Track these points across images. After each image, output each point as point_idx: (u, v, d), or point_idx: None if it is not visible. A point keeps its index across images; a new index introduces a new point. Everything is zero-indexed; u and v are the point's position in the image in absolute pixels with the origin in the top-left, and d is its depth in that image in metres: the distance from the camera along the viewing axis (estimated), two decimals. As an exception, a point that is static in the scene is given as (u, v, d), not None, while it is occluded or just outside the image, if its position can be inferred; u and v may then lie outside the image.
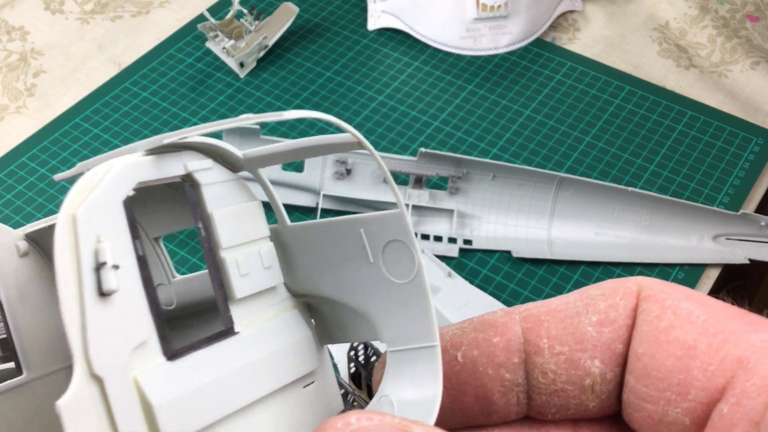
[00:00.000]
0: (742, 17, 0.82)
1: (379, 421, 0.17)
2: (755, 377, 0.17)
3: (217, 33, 0.76)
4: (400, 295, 0.21)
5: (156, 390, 0.17)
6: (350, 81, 0.77)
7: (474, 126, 0.73)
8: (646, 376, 0.19)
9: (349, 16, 0.83)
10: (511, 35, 0.79)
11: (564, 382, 0.20)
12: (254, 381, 0.19)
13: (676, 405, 0.18)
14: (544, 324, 0.20)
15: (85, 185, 0.17)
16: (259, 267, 0.21)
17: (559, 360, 0.20)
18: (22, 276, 0.23)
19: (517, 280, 0.62)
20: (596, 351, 0.19)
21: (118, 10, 0.84)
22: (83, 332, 0.16)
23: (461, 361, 0.21)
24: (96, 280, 0.17)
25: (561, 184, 0.63)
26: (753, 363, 0.17)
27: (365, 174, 0.65)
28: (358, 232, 0.21)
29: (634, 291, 0.20)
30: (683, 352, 0.18)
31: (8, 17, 0.83)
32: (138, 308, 0.18)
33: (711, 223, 0.63)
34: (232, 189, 0.21)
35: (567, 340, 0.20)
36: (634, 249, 0.63)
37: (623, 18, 0.83)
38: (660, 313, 0.19)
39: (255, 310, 0.21)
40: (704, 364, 0.18)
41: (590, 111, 0.74)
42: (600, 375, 0.19)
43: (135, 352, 0.17)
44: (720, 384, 0.17)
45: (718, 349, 0.18)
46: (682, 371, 0.18)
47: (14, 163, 0.71)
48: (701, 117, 0.73)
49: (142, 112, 0.74)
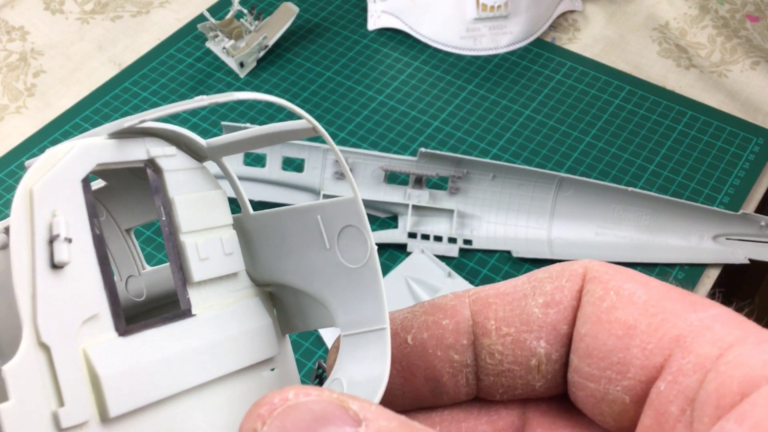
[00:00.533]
0: (742, 17, 0.82)
1: (316, 396, 0.17)
2: (691, 355, 0.17)
3: (217, 33, 0.76)
4: (355, 280, 0.21)
5: (104, 362, 0.17)
6: (350, 81, 0.77)
7: (474, 126, 0.73)
8: (589, 356, 0.19)
9: (349, 16, 0.83)
10: (511, 35, 0.79)
11: (511, 362, 0.20)
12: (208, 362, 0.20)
13: (617, 383, 0.18)
14: (492, 306, 0.21)
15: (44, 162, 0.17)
16: (220, 253, 0.21)
17: (506, 341, 0.20)
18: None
19: (517, 280, 0.62)
20: (542, 332, 0.20)
21: (118, 10, 0.84)
22: (33, 301, 0.17)
23: (411, 344, 0.21)
24: (49, 252, 0.17)
25: (561, 184, 0.63)
26: (690, 341, 0.17)
27: (365, 174, 0.65)
28: (315, 218, 0.21)
29: (579, 273, 0.20)
30: (623, 332, 0.18)
31: (8, 17, 0.83)
32: (91, 283, 0.18)
33: (711, 223, 0.63)
34: (195, 176, 0.21)
35: (514, 322, 0.20)
36: (634, 249, 0.63)
37: (623, 18, 0.83)
38: (603, 294, 0.19)
39: (215, 295, 0.21)
40: (643, 342, 0.18)
41: (590, 111, 0.74)
42: (545, 355, 0.20)
43: (85, 324, 0.18)
44: (658, 362, 0.18)
45: (657, 328, 0.18)
46: (622, 350, 0.18)
47: (14, 163, 0.71)
48: (701, 117, 0.73)
49: (141, 113, 0.74)
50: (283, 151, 0.64)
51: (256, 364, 0.21)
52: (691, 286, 0.62)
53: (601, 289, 0.19)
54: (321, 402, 0.17)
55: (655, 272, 0.63)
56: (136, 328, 0.19)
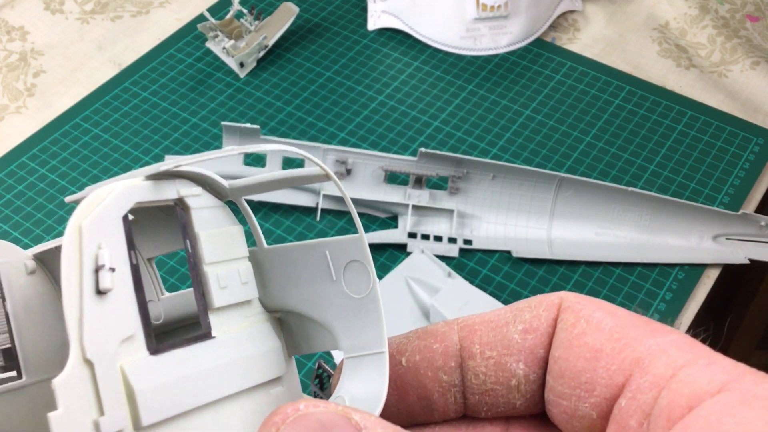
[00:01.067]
0: (742, 17, 0.82)
1: (324, 407, 0.19)
2: (648, 375, 0.19)
3: (217, 33, 0.76)
4: (357, 308, 0.24)
5: (138, 377, 0.20)
6: (350, 81, 0.77)
7: (474, 126, 0.73)
8: (561, 376, 0.21)
9: (349, 16, 0.83)
10: (511, 35, 0.79)
11: (493, 382, 0.23)
12: (225, 379, 0.22)
13: (585, 401, 0.21)
14: (478, 332, 0.23)
15: (91, 201, 0.20)
16: (237, 282, 0.24)
17: (488, 363, 0.23)
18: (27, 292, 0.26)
19: (517, 280, 0.62)
20: (521, 355, 0.22)
21: (118, 10, 0.84)
22: (80, 322, 0.19)
23: (405, 365, 0.24)
24: (95, 280, 0.20)
25: (561, 184, 0.63)
26: (647, 363, 0.20)
27: (365, 174, 0.65)
28: (323, 253, 0.24)
29: (556, 303, 0.23)
30: (591, 355, 0.21)
31: (8, 17, 0.83)
32: (128, 307, 0.20)
33: (711, 223, 0.63)
34: (217, 214, 0.24)
35: (496, 346, 0.23)
36: (634, 249, 0.63)
37: (623, 18, 0.83)
38: (575, 322, 0.21)
39: (231, 319, 0.23)
40: (607, 364, 0.20)
41: (590, 111, 0.74)
42: (524, 376, 0.22)
43: (123, 344, 0.20)
44: (620, 381, 0.20)
45: (620, 352, 0.20)
46: (590, 371, 0.21)
47: (14, 163, 0.71)
48: (701, 117, 0.73)
49: (142, 112, 0.74)
50: (283, 151, 0.64)
51: (266, 382, 0.24)
52: (691, 286, 0.62)
53: (573, 317, 0.22)
54: (328, 413, 0.19)
55: (655, 272, 0.63)
56: (164, 348, 0.21)
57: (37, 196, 0.68)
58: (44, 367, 0.26)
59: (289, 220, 0.67)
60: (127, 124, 0.74)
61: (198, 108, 0.75)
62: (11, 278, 0.26)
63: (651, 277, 0.62)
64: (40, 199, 0.68)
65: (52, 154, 0.71)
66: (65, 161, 0.71)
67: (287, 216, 0.67)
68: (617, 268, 0.63)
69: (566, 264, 0.63)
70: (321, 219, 0.66)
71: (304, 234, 0.65)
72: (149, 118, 0.74)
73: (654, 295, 0.61)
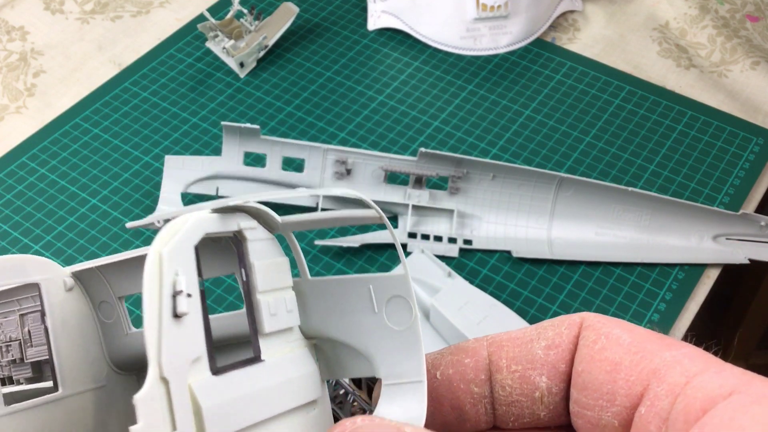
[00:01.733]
0: (742, 17, 0.82)
1: (379, 421, 0.22)
2: (664, 384, 0.21)
3: (217, 33, 0.76)
4: (397, 340, 0.26)
5: (204, 396, 0.22)
6: (350, 81, 0.77)
7: (474, 126, 0.73)
8: (585, 388, 0.23)
9: (349, 16, 0.83)
10: (511, 35, 0.79)
11: (518, 394, 0.24)
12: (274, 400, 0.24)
13: (607, 410, 0.22)
14: (504, 348, 0.25)
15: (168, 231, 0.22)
16: (284, 310, 0.25)
17: (514, 376, 0.24)
18: (65, 308, 0.28)
19: (517, 280, 0.62)
20: (544, 369, 0.24)
21: (118, 10, 0.84)
22: (159, 343, 0.21)
23: (439, 378, 0.26)
24: (173, 305, 0.21)
25: (561, 184, 0.63)
26: (663, 373, 0.21)
27: (365, 174, 0.65)
28: (367, 288, 0.26)
29: (577, 322, 0.24)
30: (611, 368, 0.22)
31: (8, 17, 0.83)
32: (197, 331, 0.22)
33: (711, 223, 0.63)
34: (269, 246, 0.26)
35: (521, 361, 0.24)
36: (634, 249, 0.63)
37: (623, 18, 0.83)
38: (596, 338, 0.23)
39: (277, 344, 0.25)
40: (627, 376, 0.22)
41: (590, 111, 0.74)
42: (546, 389, 0.24)
43: (191, 364, 0.22)
44: (639, 391, 0.22)
45: (638, 364, 0.22)
46: (610, 382, 0.22)
47: (14, 163, 0.71)
48: (701, 117, 0.73)
49: (142, 112, 0.75)
50: (283, 152, 0.64)
51: (306, 403, 0.26)
52: (691, 286, 0.62)
53: (594, 334, 0.24)
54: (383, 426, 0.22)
55: (655, 272, 0.63)
56: (223, 370, 0.23)
57: (37, 196, 0.68)
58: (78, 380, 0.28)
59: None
60: (127, 124, 0.74)
61: (198, 108, 0.75)
62: (51, 294, 0.28)
63: (651, 277, 0.62)
64: (40, 199, 0.68)
65: (52, 154, 0.71)
66: (65, 161, 0.71)
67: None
68: (617, 268, 0.63)
69: (566, 264, 0.63)
70: (321, 219, 0.66)
71: (304, 234, 0.65)
72: (149, 118, 0.74)
73: (654, 295, 0.61)
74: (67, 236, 0.66)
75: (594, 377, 0.23)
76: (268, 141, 0.64)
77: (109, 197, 0.68)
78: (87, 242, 0.65)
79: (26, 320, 0.29)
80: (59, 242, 0.65)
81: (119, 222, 0.67)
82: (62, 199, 0.68)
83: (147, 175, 0.70)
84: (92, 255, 0.64)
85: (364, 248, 0.63)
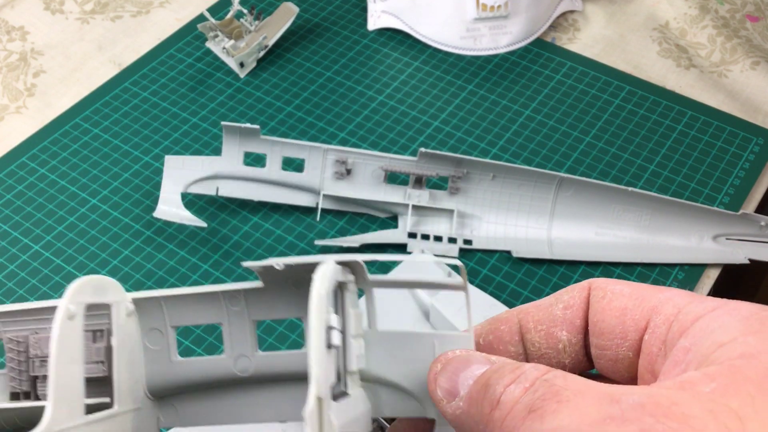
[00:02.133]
0: (742, 17, 0.82)
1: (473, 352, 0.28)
2: (661, 315, 0.27)
3: (217, 33, 0.76)
4: None
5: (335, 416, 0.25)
6: (350, 81, 0.77)
7: (474, 126, 0.73)
8: (602, 334, 0.29)
9: (349, 16, 0.83)
10: (511, 35, 0.79)
11: (546, 348, 0.30)
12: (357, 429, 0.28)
13: (622, 346, 0.28)
14: (531, 313, 0.31)
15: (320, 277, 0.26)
16: (360, 353, 0.29)
17: (540, 334, 0.30)
18: (124, 331, 0.31)
19: (517, 280, 0.62)
20: (564, 325, 0.30)
21: (118, 10, 0.84)
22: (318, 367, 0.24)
23: (482, 343, 0.31)
24: (327, 337, 0.26)
25: (561, 184, 0.63)
26: (659, 309, 0.27)
27: (365, 174, 0.65)
28: (431, 342, 0.30)
29: (586, 286, 0.30)
30: (620, 313, 0.28)
31: (8, 17, 0.83)
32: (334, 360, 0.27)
33: (711, 223, 0.63)
34: (355, 297, 0.29)
35: (545, 321, 0.30)
36: (634, 249, 0.63)
37: (623, 18, 0.83)
38: (603, 294, 0.29)
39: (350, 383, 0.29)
40: (633, 316, 0.28)
41: (590, 111, 0.74)
42: (567, 340, 0.30)
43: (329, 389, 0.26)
44: (643, 325, 0.28)
45: (639, 306, 0.28)
46: (621, 324, 0.28)
47: (14, 163, 0.71)
48: (701, 117, 0.73)
49: (142, 112, 0.75)
50: (283, 151, 0.64)
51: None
52: (691, 286, 0.62)
53: (602, 292, 0.30)
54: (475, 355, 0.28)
55: (655, 272, 0.63)
56: (337, 397, 0.27)
57: (37, 196, 0.68)
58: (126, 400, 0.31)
59: (289, 220, 0.67)
60: (127, 124, 0.74)
61: (198, 108, 0.75)
62: (118, 316, 0.30)
63: (651, 277, 0.62)
64: (40, 199, 0.68)
65: (52, 154, 0.71)
66: (65, 161, 0.71)
67: (287, 216, 0.67)
68: (617, 268, 0.63)
69: (566, 264, 0.63)
70: (321, 219, 0.66)
71: (304, 234, 0.65)
72: (149, 118, 0.74)
73: (654, 295, 0.61)
74: (66, 236, 0.66)
75: (607, 324, 0.29)
76: (268, 141, 0.64)
77: (109, 197, 0.68)
78: (87, 242, 0.65)
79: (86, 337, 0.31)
80: (59, 242, 0.65)
81: (119, 222, 0.67)
82: (62, 199, 0.68)
83: (147, 175, 0.70)
84: (92, 255, 0.64)
85: (364, 248, 0.63)
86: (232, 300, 0.31)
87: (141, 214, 0.67)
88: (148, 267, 0.64)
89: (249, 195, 0.65)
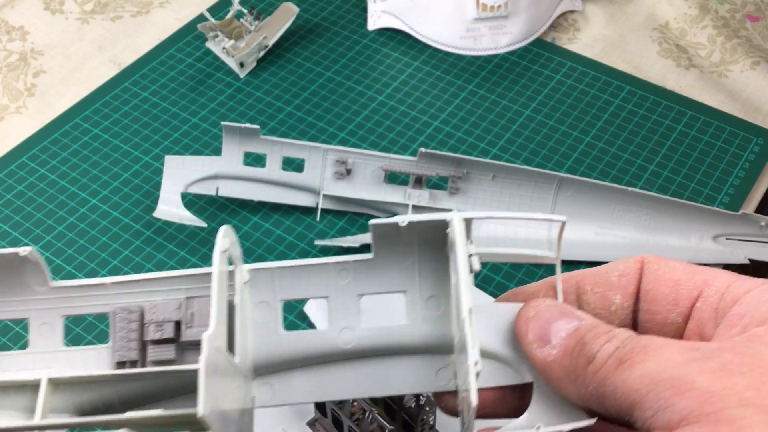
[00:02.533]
0: (742, 17, 0.82)
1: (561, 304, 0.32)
2: (713, 287, 0.31)
3: (217, 33, 0.76)
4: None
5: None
6: (350, 81, 0.77)
7: (474, 126, 0.73)
8: (654, 300, 0.32)
9: (349, 16, 0.83)
10: (511, 35, 0.79)
11: (599, 308, 0.33)
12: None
13: (673, 312, 0.32)
14: (589, 277, 0.34)
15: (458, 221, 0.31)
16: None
17: (596, 296, 0.34)
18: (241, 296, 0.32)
19: (517, 280, 0.62)
20: (618, 290, 0.33)
21: (118, 10, 0.84)
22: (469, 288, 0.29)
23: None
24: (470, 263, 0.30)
25: (561, 184, 0.63)
26: (711, 282, 0.31)
27: (365, 174, 0.65)
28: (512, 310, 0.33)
29: (639, 259, 0.34)
30: (673, 284, 0.32)
31: (8, 17, 0.83)
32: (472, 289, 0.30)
33: (711, 223, 0.63)
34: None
35: (601, 285, 0.34)
36: (634, 249, 0.63)
37: (623, 18, 0.83)
38: (657, 267, 0.33)
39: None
40: (686, 286, 0.32)
41: (590, 111, 0.74)
42: (620, 304, 0.33)
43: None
44: (695, 295, 0.31)
45: (692, 279, 0.32)
46: (674, 293, 0.32)
47: (14, 163, 0.71)
48: (701, 117, 0.73)
49: (142, 112, 0.75)
50: (283, 151, 0.64)
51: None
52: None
53: (655, 264, 0.33)
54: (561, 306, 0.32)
55: (655, 272, 0.63)
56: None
57: (37, 196, 0.68)
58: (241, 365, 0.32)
59: (289, 220, 0.67)
60: (127, 124, 0.74)
61: (198, 108, 0.75)
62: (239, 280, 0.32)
63: (651, 277, 0.62)
64: (40, 199, 0.68)
65: (52, 154, 0.71)
66: (65, 161, 0.71)
67: (287, 216, 0.67)
68: (617, 268, 0.63)
69: (566, 264, 0.63)
70: (321, 219, 0.66)
71: (304, 234, 0.65)
72: (149, 118, 0.74)
73: (654, 295, 0.61)
74: (67, 236, 0.66)
75: (660, 292, 0.32)
76: (268, 141, 0.64)
77: (109, 197, 0.68)
78: (87, 242, 0.65)
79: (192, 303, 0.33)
80: (59, 242, 0.65)
81: (119, 222, 0.67)
82: (62, 199, 0.68)
83: (147, 175, 0.70)
84: (92, 255, 0.64)
85: (364, 248, 0.63)
86: (341, 273, 0.32)
87: (141, 214, 0.67)
88: (148, 267, 0.64)
89: (249, 195, 0.65)
